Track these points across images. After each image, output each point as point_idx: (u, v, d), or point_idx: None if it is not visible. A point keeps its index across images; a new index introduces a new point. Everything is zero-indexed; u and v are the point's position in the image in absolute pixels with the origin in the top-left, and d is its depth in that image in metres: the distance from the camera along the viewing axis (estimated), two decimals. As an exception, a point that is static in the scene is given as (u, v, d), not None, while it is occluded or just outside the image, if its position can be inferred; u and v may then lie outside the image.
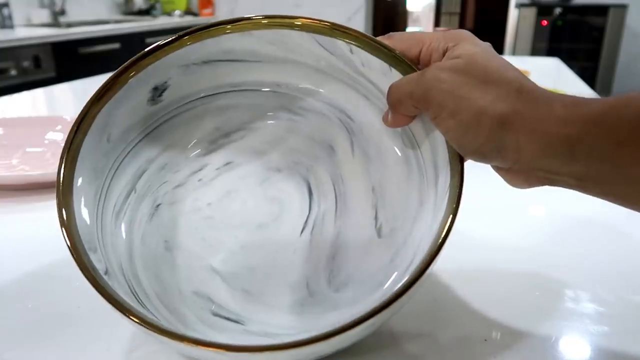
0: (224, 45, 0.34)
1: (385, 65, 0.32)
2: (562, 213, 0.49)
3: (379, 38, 0.32)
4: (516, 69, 0.27)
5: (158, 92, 0.34)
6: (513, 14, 3.14)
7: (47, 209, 0.50)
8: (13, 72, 2.01)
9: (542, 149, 0.25)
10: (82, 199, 0.30)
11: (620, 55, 3.01)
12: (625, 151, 0.23)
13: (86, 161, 0.30)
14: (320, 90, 0.37)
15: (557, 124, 0.24)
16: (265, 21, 0.33)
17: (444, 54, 0.29)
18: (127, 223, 0.34)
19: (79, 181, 0.29)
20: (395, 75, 0.32)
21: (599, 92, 1.10)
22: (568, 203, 0.50)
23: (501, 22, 3.41)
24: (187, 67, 0.34)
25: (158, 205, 0.36)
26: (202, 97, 0.37)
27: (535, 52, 3.03)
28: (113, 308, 0.25)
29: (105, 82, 0.31)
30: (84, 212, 0.29)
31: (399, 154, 0.36)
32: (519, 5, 3.09)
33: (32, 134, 0.67)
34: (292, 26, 0.33)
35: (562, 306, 0.35)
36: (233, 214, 0.37)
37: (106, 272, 0.28)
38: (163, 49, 0.32)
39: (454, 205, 0.28)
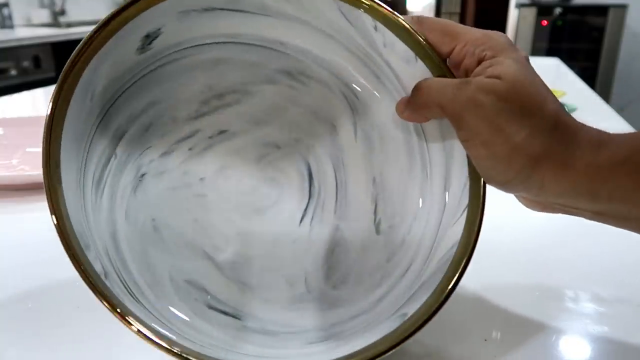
0: None
1: (410, 54, 0.29)
2: (562, 213, 0.49)
3: (409, 21, 0.29)
4: (552, 95, 0.26)
5: (149, 39, 0.30)
6: (513, 14, 3.14)
7: (47, 209, 0.50)
8: (13, 72, 2.01)
9: (565, 190, 0.25)
10: (69, 179, 0.27)
11: (620, 55, 3.01)
12: None
13: (69, 132, 0.26)
14: (327, 58, 0.34)
15: (582, 168, 0.25)
16: None
17: (478, 62, 0.27)
18: (109, 194, 0.30)
19: (64, 160, 0.26)
20: (420, 67, 0.29)
21: (599, 92, 1.10)
22: (568, 203, 0.50)
23: (501, 22, 3.40)
24: (186, 14, 0.30)
25: (143, 175, 0.32)
26: (196, 45, 0.32)
27: (535, 52, 3.02)
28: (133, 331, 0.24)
29: (94, 31, 0.26)
30: (70, 195, 0.26)
31: (403, 144, 0.34)
32: (519, 5, 3.09)
33: (32, 134, 0.66)
34: None
35: (562, 306, 0.35)
36: (228, 194, 0.34)
37: (105, 275, 0.26)
38: None
39: (473, 240, 0.28)
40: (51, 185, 0.25)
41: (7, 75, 2.00)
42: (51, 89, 1.12)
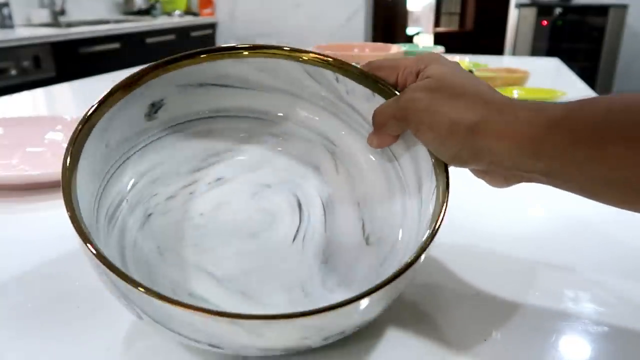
0: (221, 69, 0.37)
1: (368, 92, 0.36)
2: (561, 213, 0.49)
3: (360, 66, 0.37)
4: (483, 83, 0.31)
5: (154, 108, 0.37)
6: (513, 14, 3.14)
7: (47, 209, 0.50)
8: (13, 72, 2.01)
9: (511, 149, 0.28)
10: (83, 193, 0.30)
11: (620, 55, 3.01)
12: (579, 150, 0.26)
13: (86, 159, 0.31)
14: (304, 117, 0.41)
15: (522, 126, 0.27)
16: (276, 51, 0.37)
17: (417, 76, 0.33)
18: (120, 228, 0.34)
19: (80, 175, 0.30)
20: (378, 100, 0.36)
21: (599, 92, 1.10)
22: (567, 203, 0.50)
23: (501, 22, 3.41)
24: (184, 88, 0.37)
25: (150, 215, 0.37)
26: (194, 119, 0.39)
27: (535, 52, 3.03)
28: (127, 285, 0.25)
29: (111, 89, 0.33)
30: (83, 203, 0.30)
31: (380, 171, 0.39)
32: (519, 5, 3.09)
33: (32, 134, 0.67)
34: (302, 59, 0.37)
35: (562, 306, 0.36)
36: (226, 223, 0.38)
37: None
38: (168, 65, 0.35)
39: (443, 202, 0.31)
40: (70, 202, 0.28)
41: (7, 75, 2.00)
42: (51, 89, 1.12)
